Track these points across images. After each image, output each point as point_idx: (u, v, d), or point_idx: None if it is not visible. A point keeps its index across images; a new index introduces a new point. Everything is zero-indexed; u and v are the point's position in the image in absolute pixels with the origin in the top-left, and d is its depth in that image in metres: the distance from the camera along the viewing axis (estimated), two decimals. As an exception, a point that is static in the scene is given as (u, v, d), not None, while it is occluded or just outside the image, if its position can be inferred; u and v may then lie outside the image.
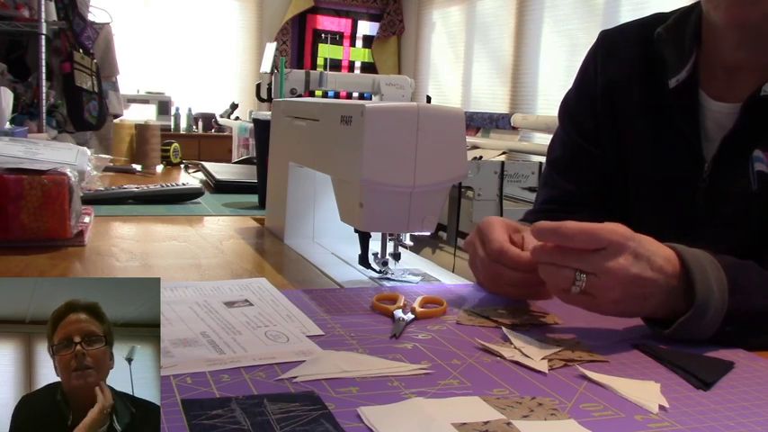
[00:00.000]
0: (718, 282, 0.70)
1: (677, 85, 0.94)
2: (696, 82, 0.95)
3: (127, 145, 2.12)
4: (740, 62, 0.91)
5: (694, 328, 0.70)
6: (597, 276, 0.69)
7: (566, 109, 1.11)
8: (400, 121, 0.85)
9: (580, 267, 0.69)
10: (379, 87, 3.41)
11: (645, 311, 0.73)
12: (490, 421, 0.52)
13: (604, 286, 0.69)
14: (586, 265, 0.69)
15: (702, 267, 0.71)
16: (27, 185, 1.03)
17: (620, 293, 0.69)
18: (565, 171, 1.08)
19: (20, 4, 2.97)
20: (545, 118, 4.10)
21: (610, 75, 1.03)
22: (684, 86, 0.94)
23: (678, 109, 0.95)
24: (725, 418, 0.55)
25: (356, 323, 0.75)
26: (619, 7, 4.30)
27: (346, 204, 0.92)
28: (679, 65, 0.94)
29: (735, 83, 0.92)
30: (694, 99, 0.95)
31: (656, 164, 0.98)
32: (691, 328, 0.70)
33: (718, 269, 0.71)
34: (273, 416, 0.51)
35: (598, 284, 0.69)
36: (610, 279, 0.68)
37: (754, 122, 0.89)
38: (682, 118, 0.95)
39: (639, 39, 1.01)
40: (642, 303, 0.71)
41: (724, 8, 0.85)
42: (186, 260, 1.02)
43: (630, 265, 0.68)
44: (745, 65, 0.91)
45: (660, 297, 0.71)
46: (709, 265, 0.71)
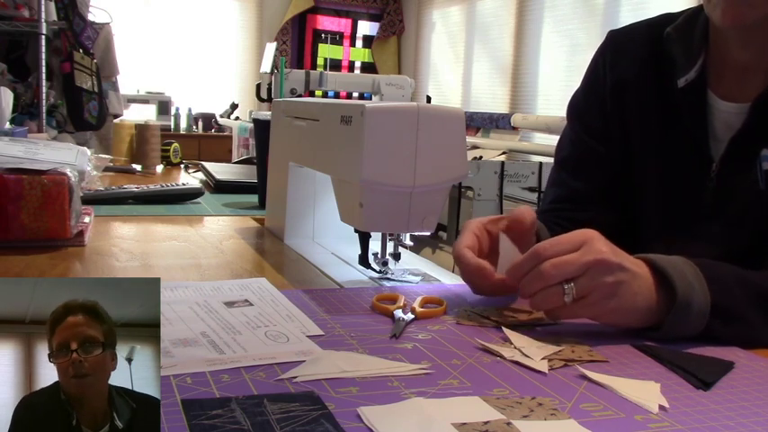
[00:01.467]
0: (696, 278, 0.72)
1: (686, 84, 0.94)
2: (705, 82, 0.95)
3: (127, 145, 2.12)
4: (747, 62, 0.91)
5: (683, 324, 0.71)
6: (584, 275, 0.70)
7: (574, 108, 1.11)
8: (400, 121, 0.85)
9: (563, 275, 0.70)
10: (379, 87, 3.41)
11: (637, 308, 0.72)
12: (490, 421, 0.52)
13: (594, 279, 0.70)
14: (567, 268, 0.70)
15: (676, 266, 0.73)
16: (27, 185, 1.03)
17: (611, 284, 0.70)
18: (573, 170, 1.08)
19: (20, 4, 2.97)
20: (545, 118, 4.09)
21: (618, 74, 1.03)
22: (693, 86, 0.94)
23: (686, 108, 0.95)
24: (725, 418, 0.55)
25: (356, 323, 0.75)
26: (619, 7, 4.30)
27: (346, 204, 0.92)
28: (688, 64, 0.95)
29: (743, 83, 0.92)
30: (703, 99, 0.95)
31: (664, 163, 0.99)
32: (679, 325, 0.71)
33: (692, 266, 0.73)
34: (273, 416, 0.51)
35: (587, 283, 0.70)
36: (596, 270, 0.70)
37: (762, 122, 0.89)
38: (690, 118, 0.95)
39: (647, 39, 1.01)
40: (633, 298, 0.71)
41: (721, 9, 0.85)
42: (186, 260, 1.02)
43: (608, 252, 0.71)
44: (753, 65, 0.91)
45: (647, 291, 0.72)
46: (684, 265, 0.73)
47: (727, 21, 0.85)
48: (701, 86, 0.94)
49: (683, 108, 0.96)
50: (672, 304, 0.71)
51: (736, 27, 0.87)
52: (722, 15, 0.85)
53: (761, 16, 0.84)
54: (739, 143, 0.91)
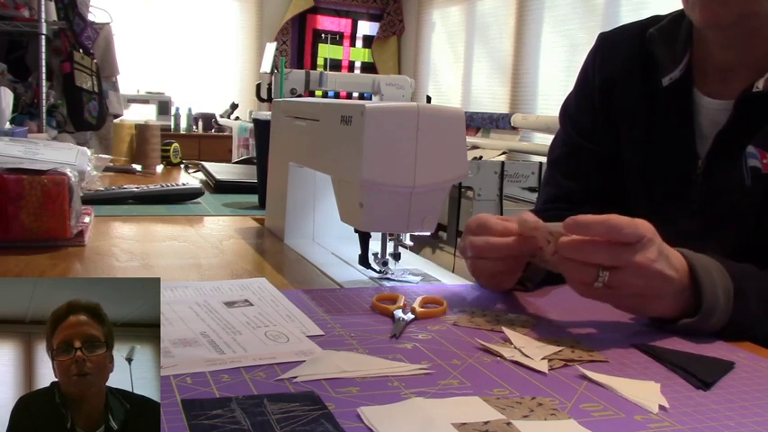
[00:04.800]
0: (725, 292, 0.73)
1: (671, 83, 0.96)
2: (690, 80, 0.96)
3: (127, 145, 2.12)
4: (730, 61, 0.93)
5: (697, 329, 0.74)
6: (622, 270, 0.70)
7: (566, 110, 1.13)
8: (400, 121, 0.85)
9: (606, 263, 0.70)
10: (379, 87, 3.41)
11: (657, 310, 0.75)
12: (490, 421, 0.52)
13: (628, 280, 0.70)
14: (613, 259, 0.70)
15: (711, 276, 0.73)
16: (27, 185, 1.03)
17: (641, 287, 0.71)
18: (566, 169, 1.10)
19: (20, 4, 2.97)
20: (545, 118, 4.10)
21: (606, 73, 1.05)
22: (679, 84, 0.96)
23: (673, 106, 0.97)
24: (725, 418, 0.55)
25: (356, 323, 0.75)
26: (618, 7, 4.30)
27: (346, 204, 0.92)
28: (672, 64, 0.96)
29: (727, 81, 0.93)
30: (688, 97, 0.96)
31: (651, 161, 1.00)
32: (694, 329, 0.73)
33: (725, 278, 0.74)
34: (273, 416, 0.51)
35: (621, 278, 0.70)
36: (635, 272, 0.70)
37: (747, 118, 0.90)
38: (676, 115, 0.97)
39: (635, 39, 1.03)
40: (658, 301, 0.73)
41: (698, 10, 0.87)
42: (186, 260, 1.02)
43: (656, 260, 0.70)
44: (736, 64, 0.93)
45: (672, 298, 0.73)
46: (717, 274, 0.74)
47: (704, 20, 0.87)
48: (686, 85, 0.96)
49: (669, 106, 0.97)
50: (692, 310, 0.73)
51: (713, 27, 0.89)
52: (699, 15, 0.87)
53: (736, 15, 0.86)
54: (725, 139, 0.92)
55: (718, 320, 0.73)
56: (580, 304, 0.80)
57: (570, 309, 0.83)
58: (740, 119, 0.90)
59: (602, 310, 0.81)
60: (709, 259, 0.75)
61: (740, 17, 0.86)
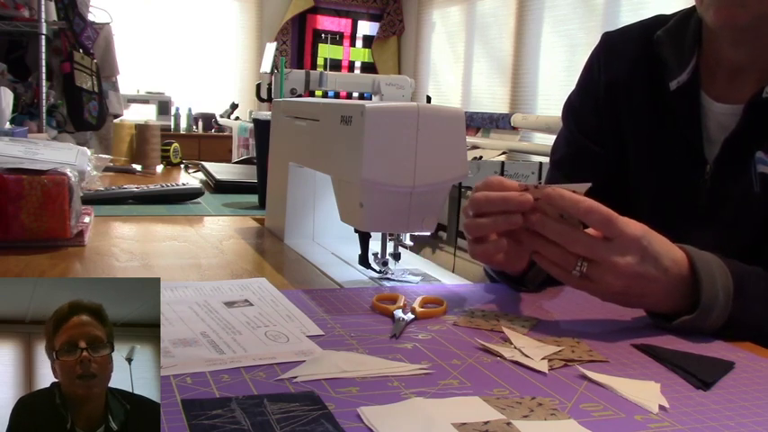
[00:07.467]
0: (724, 289, 0.73)
1: (678, 87, 0.94)
2: (698, 84, 0.95)
3: (127, 145, 2.12)
4: (741, 62, 0.91)
5: (695, 327, 0.74)
6: (600, 265, 0.71)
7: (569, 109, 1.11)
8: (400, 121, 0.85)
9: (585, 254, 0.71)
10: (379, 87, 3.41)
11: (643, 306, 0.77)
12: (490, 421, 0.52)
13: (605, 277, 0.71)
14: (592, 252, 0.71)
15: (711, 272, 0.73)
16: (27, 185, 1.03)
17: (620, 287, 0.72)
18: (569, 170, 1.08)
19: (20, 4, 2.97)
20: (545, 118, 4.10)
21: (611, 75, 1.04)
22: (686, 88, 0.94)
23: (679, 110, 0.95)
24: (725, 418, 0.55)
25: (356, 323, 0.75)
26: (619, 7, 4.30)
27: (346, 204, 0.92)
28: (679, 67, 0.95)
29: (736, 84, 0.92)
30: (696, 100, 0.94)
31: (658, 165, 0.99)
32: (692, 327, 0.74)
33: (726, 276, 0.74)
34: (273, 416, 0.51)
35: (599, 273, 0.71)
36: (612, 271, 0.71)
37: (756, 124, 0.89)
38: (683, 119, 0.95)
39: (640, 41, 1.01)
40: (640, 299, 0.75)
41: (714, 10, 0.85)
42: (186, 260, 1.02)
43: (636, 263, 0.71)
44: (746, 65, 0.91)
45: (660, 296, 0.74)
46: (718, 271, 0.74)
47: (719, 21, 0.86)
48: (694, 88, 0.94)
49: (676, 110, 0.96)
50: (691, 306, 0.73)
51: (729, 27, 0.87)
52: (715, 16, 0.85)
53: (753, 17, 0.84)
54: (733, 144, 0.91)
55: (718, 318, 0.73)
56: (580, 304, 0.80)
57: (570, 309, 0.83)
58: (749, 124, 0.89)
59: (603, 310, 0.81)
60: (712, 256, 0.75)
61: (757, 18, 0.84)
